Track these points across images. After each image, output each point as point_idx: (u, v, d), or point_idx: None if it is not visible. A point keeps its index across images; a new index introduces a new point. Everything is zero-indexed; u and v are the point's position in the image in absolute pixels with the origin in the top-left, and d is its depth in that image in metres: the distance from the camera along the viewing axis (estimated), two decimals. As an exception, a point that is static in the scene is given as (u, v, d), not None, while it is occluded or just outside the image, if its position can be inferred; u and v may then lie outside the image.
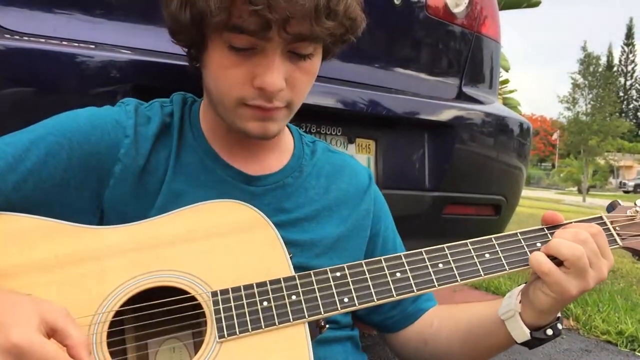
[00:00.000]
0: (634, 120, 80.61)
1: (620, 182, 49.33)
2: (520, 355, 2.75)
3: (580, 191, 34.32)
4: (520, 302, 0.93)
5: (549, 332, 0.92)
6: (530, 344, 0.93)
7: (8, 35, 1.17)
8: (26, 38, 1.18)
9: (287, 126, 1.15)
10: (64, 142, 0.92)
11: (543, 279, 0.87)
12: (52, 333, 0.69)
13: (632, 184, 46.04)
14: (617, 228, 0.95)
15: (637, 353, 2.92)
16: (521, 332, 0.92)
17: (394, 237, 1.20)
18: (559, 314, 0.94)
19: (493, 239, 0.93)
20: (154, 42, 1.33)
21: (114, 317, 0.81)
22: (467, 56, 2.05)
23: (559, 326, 0.93)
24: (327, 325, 0.89)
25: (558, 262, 0.87)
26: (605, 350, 2.94)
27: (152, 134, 0.99)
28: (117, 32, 1.31)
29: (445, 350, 1.08)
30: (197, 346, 0.85)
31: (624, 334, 3.08)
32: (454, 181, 1.92)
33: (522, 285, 0.96)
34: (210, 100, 1.02)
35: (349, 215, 1.11)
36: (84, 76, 1.21)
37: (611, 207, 1.00)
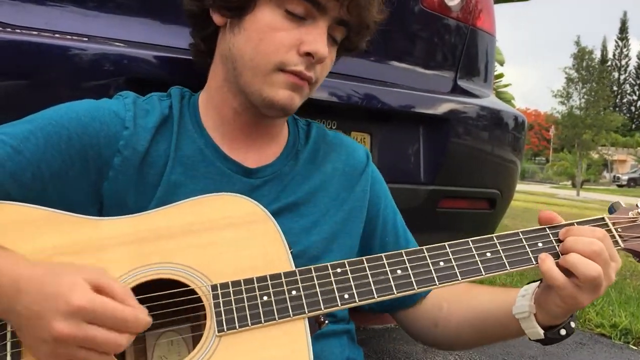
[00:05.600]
0: (628, 115, 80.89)
1: (614, 176, 49.42)
2: (514, 349, 2.76)
3: (574, 185, 34.37)
4: (534, 303, 0.93)
5: (563, 332, 0.92)
6: (543, 342, 0.94)
7: (0, 28, 1.16)
8: (18, 30, 1.17)
9: None
10: (63, 133, 0.92)
11: (556, 291, 0.87)
12: (98, 292, 0.72)
13: (625, 178, 46.13)
14: (618, 230, 0.95)
15: (631, 346, 2.94)
16: (535, 332, 0.92)
17: (395, 217, 1.19)
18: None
19: (494, 237, 0.92)
20: (147, 34, 1.32)
21: None
22: (462, 49, 2.04)
23: (572, 325, 0.93)
24: (327, 321, 0.89)
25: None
26: (599, 343, 2.95)
27: (151, 126, 0.99)
28: (110, 25, 1.30)
29: (454, 335, 1.09)
30: (195, 340, 0.85)
31: (617, 326, 3.10)
32: (449, 175, 1.92)
33: (536, 284, 0.95)
34: (229, 73, 1.02)
35: (347, 198, 1.11)
36: (77, 69, 1.20)
37: (613, 209, 0.99)
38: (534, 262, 0.90)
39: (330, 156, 1.14)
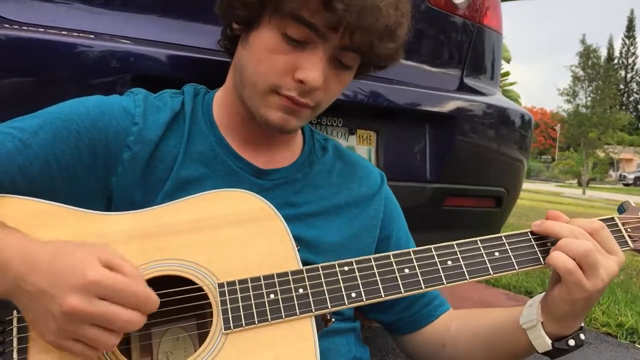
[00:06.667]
0: (634, 113, 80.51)
1: (620, 175, 49.14)
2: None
3: (580, 184, 34.29)
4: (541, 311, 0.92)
5: (571, 342, 0.91)
6: (551, 354, 0.92)
7: (7, 25, 1.16)
8: (25, 28, 1.18)
9: None
10: (72, 127, 0.92)
11: (564, 279, 0.86)
12: (109, 269, 0.73)
13: (632, 176, 45.80)
14: (628, 230, 0.94)
15: (637, 345, 2.93)
16: (542, 342, 0.91)
17: (407, 240, 1.19)
18: (582, 324, 0.93)
19: (503, 237, 0.92)
20: (154, 32, 1.32)
21: None
22: (469, 47, 2.03)
23: (582, 337, 0.92)
24: (334, 319, 0.89)
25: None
26: (606, 343, 2.94)
27: (162, 122, 0.99)
28: (116, 22, 1.30)
29: (463, 355, 1.07)
30: (201, 337, 0.85)
31: (623, 326, 3.09)
32: (455, 173, 1.91)
33: (542, 295, 0.94)
34: (237, 82, 1.01)
35: (358, 215, 1.10)
36: (84, 66, 1.20)
37: (622, 208, 0.98)
38: (542, 263, 0.89)
39: (345, 174, 1.13)
